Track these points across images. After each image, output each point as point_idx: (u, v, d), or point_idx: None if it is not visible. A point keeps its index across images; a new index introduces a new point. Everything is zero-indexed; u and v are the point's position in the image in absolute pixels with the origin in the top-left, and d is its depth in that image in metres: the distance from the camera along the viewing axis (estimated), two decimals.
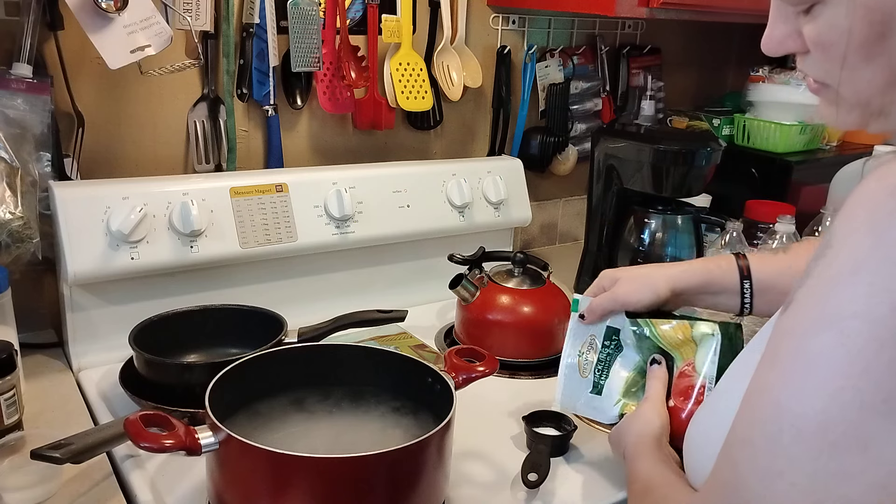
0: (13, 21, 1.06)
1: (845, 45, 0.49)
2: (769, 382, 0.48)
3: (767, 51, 0.55)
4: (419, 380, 0.88)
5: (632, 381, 0.90)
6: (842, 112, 0.53)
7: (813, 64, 0.53)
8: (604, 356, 0.92)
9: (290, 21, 1.24)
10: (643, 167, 1.32)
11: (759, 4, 1.60)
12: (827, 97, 0.54)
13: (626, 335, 0.91)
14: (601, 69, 1.72)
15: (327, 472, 0.71)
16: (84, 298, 1.10)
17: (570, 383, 0.93)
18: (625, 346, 0.91)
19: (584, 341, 0.93)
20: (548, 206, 1.76)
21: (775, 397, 0.47)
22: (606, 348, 0.92)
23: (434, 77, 1.44)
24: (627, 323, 0.91)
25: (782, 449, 0.45)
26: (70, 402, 1.02)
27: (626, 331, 0.91)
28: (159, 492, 0.84)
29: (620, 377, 0.91)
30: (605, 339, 0.92)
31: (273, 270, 1.25)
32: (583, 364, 0.93)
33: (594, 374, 0.92)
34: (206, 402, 0.76)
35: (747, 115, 1.73)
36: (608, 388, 0.91)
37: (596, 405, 0.91)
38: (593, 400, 0.91)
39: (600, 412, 0.91)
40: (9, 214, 1.00)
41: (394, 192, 1.33)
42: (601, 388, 0.91)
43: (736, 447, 0.50)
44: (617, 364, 0.91)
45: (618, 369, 0.91)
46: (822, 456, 0.44)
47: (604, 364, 0.92)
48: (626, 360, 0.91)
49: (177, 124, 1.25)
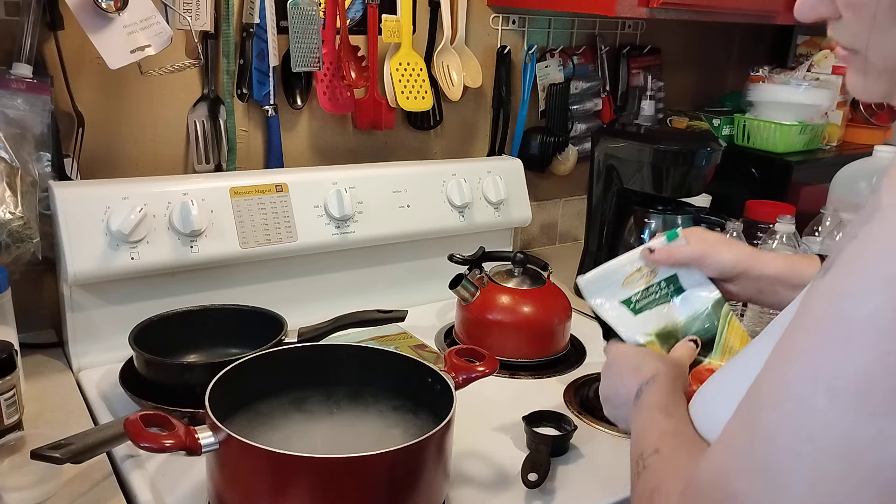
0: (13, 21, 1.06)
1: (875, 5, 0.49)
2: (804, 345, 0.47)
3: (800, 16, 0.55)
4: (419, 380, 0.88)
5: (670, 331, 0.86)
6: (870, 80, 0.53)
7: (843, 29, 0.53)
8: (655, 290, 0.88)
9: (290, 21, 1.24)
10: (643, 167, 1.32)
11: (759, 4, 1.61)
12: (855, 65, 0.54)
13: (694, 295, 0.87)
14: (601, 69, 1.72)
15: (327, 472, 0.71)
16: (84, 298, 1.10)
17: (608, 279, 0.89)
18: (681, 302, 0.87)
19: (648, 266, 0.89)
20: (548, 206, 1.76)
21: (811, 360, 0.46)
22: (662, 289, 0.88)
23: (434, 77, 1.44)
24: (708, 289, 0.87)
25: (815, 413, 0.44)
26: (70, 402, 1.02)
27: (699, 293, 0.87)
28: (159, 492, 0.84)
29: (663, 318, 0.87)
30: (665, 280, 0.88)
31: (273, 270, 1.25)
32: (632, 278, 0.88)
33: (638, 294, 0.88)
34: (206, 402, 0.76)
35: (747, 115, 1.73)
36: (645, 317, 0.87)
37: (624, 318, 0.87)
38: (623, 312, 0.87)
39: (624, 325, 0.87)
40: (9, 214, 1.00)
41: (394, 192, 1.33)
42: (638, 311, 0.87)
43: (760, 411, 0.48)
44: (665, 307, 0.87)
45: (664, 311, 0.87)
46: (858, 421, 0.43)
47: (651, 296, 0.87)
48: (676, 311, 0.87)
49: (177, 124, 1.25)
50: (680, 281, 0.88)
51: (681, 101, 1.92)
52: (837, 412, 0.44)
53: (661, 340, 0.86)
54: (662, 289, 0.88)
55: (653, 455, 0.62)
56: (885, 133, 1.89)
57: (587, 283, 0.89)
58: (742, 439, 0.49)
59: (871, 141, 1.79)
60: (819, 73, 1.76)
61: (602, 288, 0.89)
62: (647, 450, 0.64)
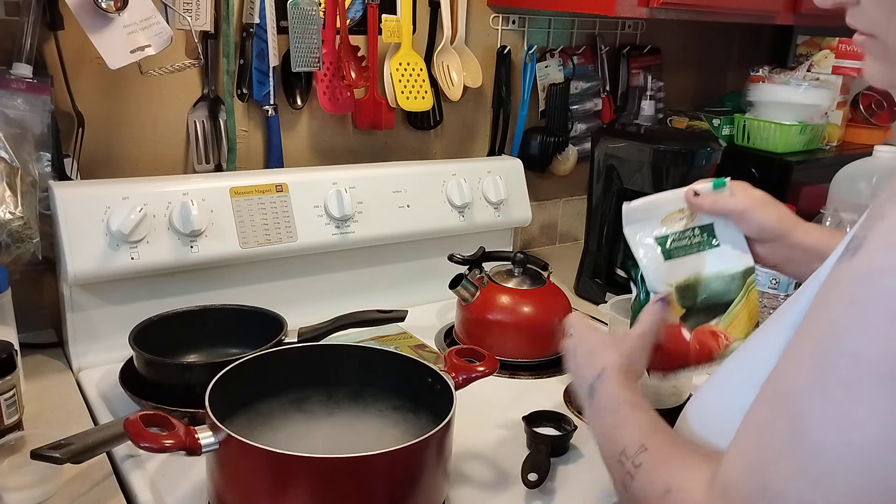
0: (13, 21, 1.06)
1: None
2: (841, 327, 0.45)
3: (820, 2, 0.55)
4: (419, 380, 0.88)
5: (691, 284, 0.84)
6: (888, 65, 0.53)
7: (861, 15, 0.53)
8: (690, 235, 0.85)
9: (290, 21, 1.24)
10: (643, 167, 1.32)
11: (759, 4, 1.61)
12: (874, 51, 0.54)
13: (726, 252, 0.84)
14: (601, 69, 1.72)
15: (327, 472, 0.71)
16: (84, 298, 1.10)
17: (650, 211, 0.86)
18: (712, 255, 0.85)
19: (690, 209, 0.86)
20: (548, 206, 1.76)
21: (851, 342, 0.44)
22: (696, 236, 0.85)
23: (434, 77, 1.44)
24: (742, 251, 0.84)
25: (861, 396, 0.43)
26: (70, 402, 1.02)
27: (732, 252, 0.84)
28: (159, 492, 0.84)
29: (689, 269, 0.84)
30: (701, 228, 0.85)
31: (273, 270, 1.25)
32: (672, 217, 0.85)
33: (674, 235, 0.85)
34: (206, 402, 0.76)
35: (747, 115, 1.73)
36: (674, 264, 0.84)
37: (654, 259, 0.84)
38: (655, 252, 0.84)
39: (653, 268, 0.84)
40: (9, 214, 1.00)
41: (394, 192, 1.33)
42: (669, 254, 0.84)
43: (800, 396, 0.46)
44: (694, 258, 0.84)
45: (692, 261, 0.84)
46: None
47: (685, 240, 0.85)
48: (703, 264, 0.84)
49: (177, 124, 1.25)
50: (716, 233, 0.85)
51: (681, 101, 1.92)
52: (884, 395, 0.42)
53: (680, 293, 0.83)
54: (697, 236, 0.85)
55: (641, 452, 0.60)
56: (885, 133, 1.89)
57: (630, 211, 0.86)
58: (779, 431, 0.47)
59: (871, 141, 1.79)
60: (819, 73, 1.76)
61: (643, 219, 0.86)
62: (631, 447, 0.62)
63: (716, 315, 0.84)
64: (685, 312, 0.84)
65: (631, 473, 0.60)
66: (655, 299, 0.82)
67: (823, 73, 1.76)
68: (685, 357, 0.83)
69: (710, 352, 0.83)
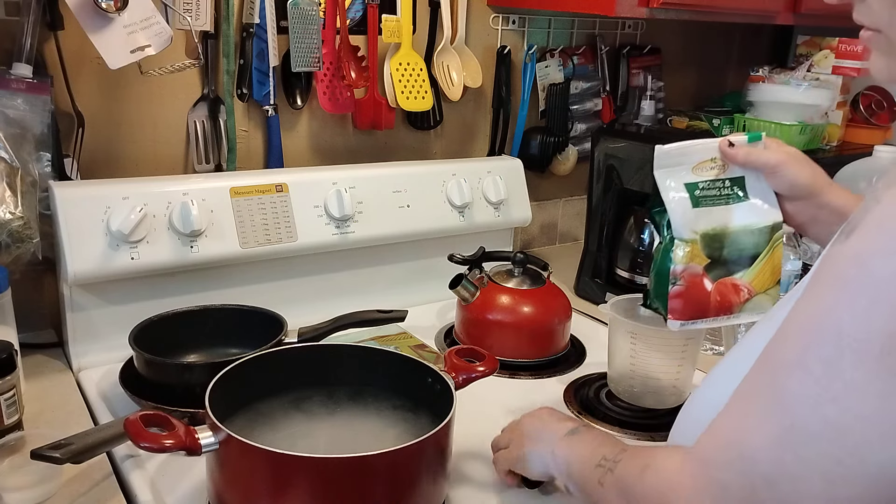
0: (13, 21, 1.06)
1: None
2: (828, 305, 0.47)
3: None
4: (419, 380, 0.88)
5: (718, 234, 0.83)
6: (892, 60, 0.54)
7: (867, 11, 0.54)
8: (720, 186, 0.84)
9: (290, 21, 1.24)
10: (643, 167, 1.32)
11: (759, 4, 1.61)
12: (879, 46, 0.55)
13: (756, 206, 0.84)
14: (601, 69, 1.72)
15: (327, 472, 0.71)
16: (84, 298, 1.10)
17: (683, 156, 0.84)
18: (741, 208, 0.84)
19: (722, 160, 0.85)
20: (548, 206, 1.76)
21: (836, 321, 0.46)
22: (727, 187, 0.84)
23: (434, 77, 1.44)
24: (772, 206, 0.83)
25: (839, 373, 0.44)
26: (70, 402, 1.02)
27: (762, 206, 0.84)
28: (159, 492, 0.84)
29: (716, 220, 0.83)
30: (731, 180, 0.84)
31: (273, 270, 1.25)
32: (704, 165, 0.84)
33: (705, 183, 0.84)
34: (206, 402, 0.76)
35: (747, 115, 1.73)
36: (701, 213, 0.83)
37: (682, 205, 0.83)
38: (684, 198, 0.83)
39: (680, 213, 0.83)
40: (9, 214, 1.00)
41: (394, 192, 1.33)
42: (697, 202, 0.83)
43: (782, 371, 0.48)
44: (722, 209, 0.84)
45: (720, 212, 0.84)
46: (879, 380, 0.43)
47: (715, 190, 0.84)
48: (732, 216, 0.84)
49: (177, 124, 1.25)
50: (746, 186, 0.85)
51: (681, 101, 1.92)
52: (861, 373, 0.44)
53: (706, 242, 0.83)
54: (727, 187, 0.85)
55: (621, 453, 0.64)
56: (885, 133, 1.89)
57: (662, 154, 0.85)
58: (758, 402, 0.49)
59: (871, 141, 1.79)
60: (819, 73, 1.76)
61: (674, 163, 0.85)
62: (611, 453, 0.65)
63: (740, 268, 0.84)
64: (709, 263, 0.84)
65: (611, 469, 0.63)
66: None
67: (823, 73, 1.75)
68: (705, 307, 0.84)
69: (730, 305, 0.84)
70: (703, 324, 0.85)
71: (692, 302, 0.84)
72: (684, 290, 0.83)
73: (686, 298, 0.83)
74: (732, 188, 0.85)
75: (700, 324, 0.85)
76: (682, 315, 0.84)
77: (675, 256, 0.84)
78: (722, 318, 0.84)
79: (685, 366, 1.03)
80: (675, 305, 0.83)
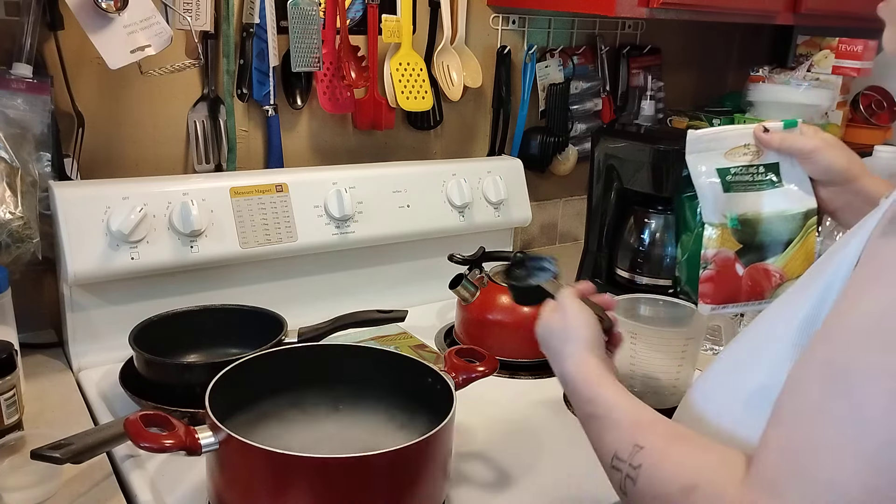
0: (13, 21, 1.06)
1: None
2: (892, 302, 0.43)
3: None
4: (419, 380, 0.88)
5: (750, 219, 0.82)
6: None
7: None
8: (754, 172, 0.84)
9: (290, 21, 1.24)
10: (643, 167, 1.32)
11: (759, 4, 1.61)
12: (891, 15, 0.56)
13: (790, 192, 0.83)
14: (601, 69, 1.72)
15: (327, 472, 0.71)
16: (84, 298, 1.10)
17: (715, 142, 0.84)
18: (775, 194, 0.84)
19: (757, 146, 0.84)
20: (548, 206, 1.76)
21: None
22: (761, 173, 0.84)
23: (434, 77, 1.44)
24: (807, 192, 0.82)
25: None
26: (70, 402, 1.02)
27: (796, 192, 0.83)
28: (159, 492, 0.84)
29: (749, 205, 0.83)
30: (766, 167, 0.84)
31: (273, 270, 1.25)
32: (737, 151, 0.84)
33: (737, 169, 0.83)
34: (206, 402, 0.76)
35: (747, 115, 1.73)
36: (733, 197, 0.83)
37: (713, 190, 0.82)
38: (715, 183, 0.83)
39: (711, 198, 0.82)
40: (9, 214, 1.00)
41: (394, 192, 1.33)
42: (728, 188, 0.83)
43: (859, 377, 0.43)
44: (755, 195, 0.83)
45: (753, 198, 0.83)
46: None
47: (748, 176, 0.83)
48: (765, 202, 0.83)
49: (177, 124, 1.25)
50: (780, 172, 0.85)
51: (681, 101, 1.92)
52: None
53: (736, 228, 0.83)
54: (761, 173, 0.84)
55: (637, 453, 0.57)
56: (885, 133, 1.89)
57: (695, 139, 0.85)
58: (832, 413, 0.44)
59: (871, 141, 1.79)
60: (819, 73, 1.76)
61: (706, 149, 0.85)
62: (623, 450, 0.59)
63: (772, 254, 0.84)
64: (741, 248, 0.84)
65: (632, 477, 0.57)
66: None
67: (823, 73, 1.76)
68: (736, 292, 0.84)
69: (762, 290, 0.84)
70: (734, 308, 0.84)
71: (723, 286, 0.83)
72: (715, 274, 0.83)
73: (717, 283, 0.83)
74: (767, 174, 0.84)
75: (731, 308, 0.84)
76: (714, 299, 0.84)
77: (706, 241, 0.84)
78: (753, 303, 0.84)
79: (685, 366, 1.03)
80: (706, 290, 0.83)
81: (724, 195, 0.84)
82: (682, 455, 0.55)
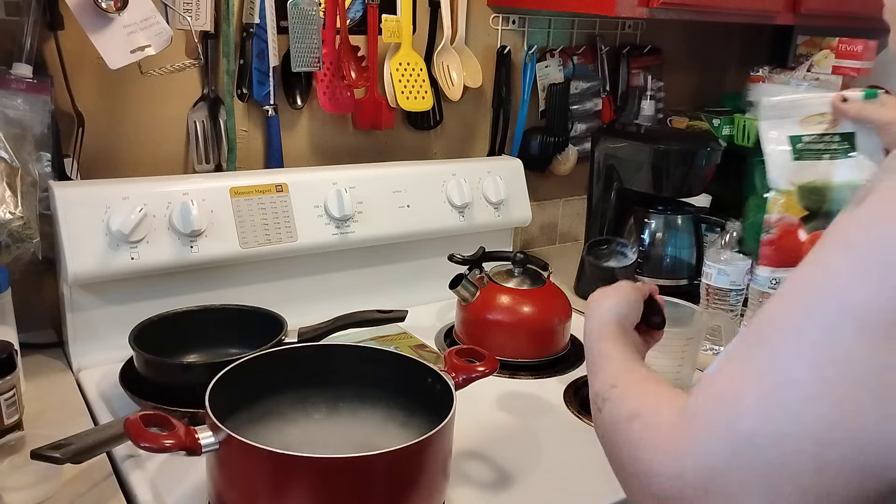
0: (13, 21, 1.06)
1: None
2: (835, 269, 0.46)
3: None
4: (419, 380, 0.88)
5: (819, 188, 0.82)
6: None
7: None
8: (828, 140, 0.83)
9: (290, 21, 1.24)
10: (643, 167, 1.32)
11: (759, 4, 1.61)
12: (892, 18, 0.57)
13: (863, 162, 0.82)
14: (601, 69, 1.72)
15: (327, 472, 0.71)
16: (84, 298, 1.10)
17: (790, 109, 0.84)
18: (847, 163, 0.83)
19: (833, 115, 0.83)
20: (548, 206, 1.76)
21: (841, 286, 0.44)
22: (836, 142, 0.83)
23: (434, 77, 1.44)
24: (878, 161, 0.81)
25: (840, 339, 0.43)
26: (70, 402, 1.02)
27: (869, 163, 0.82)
28: (159, 492, 0.84)
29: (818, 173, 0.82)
30: (842, 136, 0.83)
31: (273, 270, 1.25)
32: (811, 119, 0.83)
33: (811, 137, 0.83)
34: (206, 402, 0.76)
35: (747, 115, 1.73)
36: (802, 165, 0.82)
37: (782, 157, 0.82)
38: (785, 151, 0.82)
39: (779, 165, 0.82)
40: (9, 214, 1.00)
41: (394, 192, 1.33)
42: (798, 156, 0.82)
43: (779, 333, 0.47)
44: (826, 163, 0.83)
45: (824, 166, 0.82)
46: (881, 350, 0.42)
47: (821, 145, 0.83)
48: (836, 171, 0.83)
49: (177, 124, 1.25)
50: (856, 142, 0.84)
51: (681, 101, 1.92)
52: (863, 341, 0.43)
53: (803, 195, 0.82)
54: (836, 142, 0.84)
55: (611, 389, 0.63)
56: None
57: (770, 105, 0.85)
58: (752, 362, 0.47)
59: None
60: (819, 73, 1.76)
61: (780, 115, 0.85)
62: (602, 388, 0.64)
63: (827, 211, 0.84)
64: (807, 215, 0.84)
65: (600, 408, 0.62)
66: None
67: (823, 73, 1.75)
68: (797, 257, 0.84)
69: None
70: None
71: (784, 251, 0.84)
72: (777, 238, 0.84)
73: (778, 247, 0.84)
74: (842, 143, 0.84)
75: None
76: (773, 261, 0.85)
77: (770, 205, 0.84)
78: None
79: (685, 366, 1.03)
80: (767, 252, 0.84)
81: (792, 163, 0.84)
82: (639, 390, 0.60)
